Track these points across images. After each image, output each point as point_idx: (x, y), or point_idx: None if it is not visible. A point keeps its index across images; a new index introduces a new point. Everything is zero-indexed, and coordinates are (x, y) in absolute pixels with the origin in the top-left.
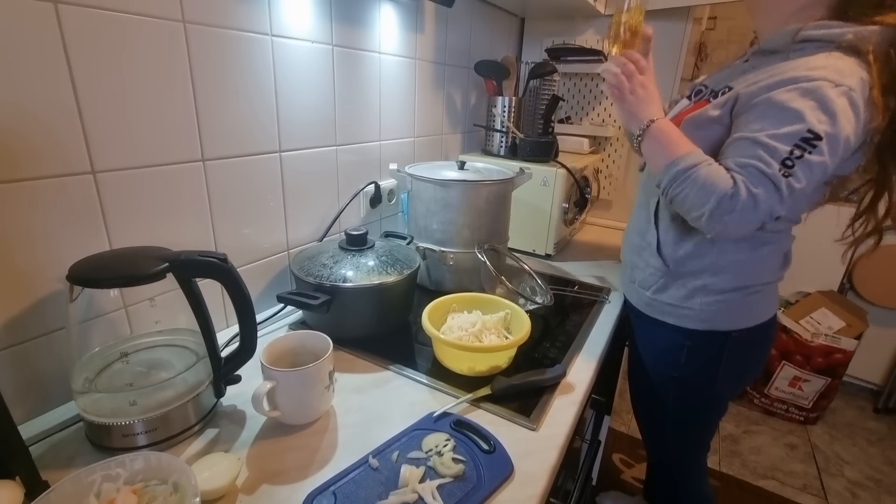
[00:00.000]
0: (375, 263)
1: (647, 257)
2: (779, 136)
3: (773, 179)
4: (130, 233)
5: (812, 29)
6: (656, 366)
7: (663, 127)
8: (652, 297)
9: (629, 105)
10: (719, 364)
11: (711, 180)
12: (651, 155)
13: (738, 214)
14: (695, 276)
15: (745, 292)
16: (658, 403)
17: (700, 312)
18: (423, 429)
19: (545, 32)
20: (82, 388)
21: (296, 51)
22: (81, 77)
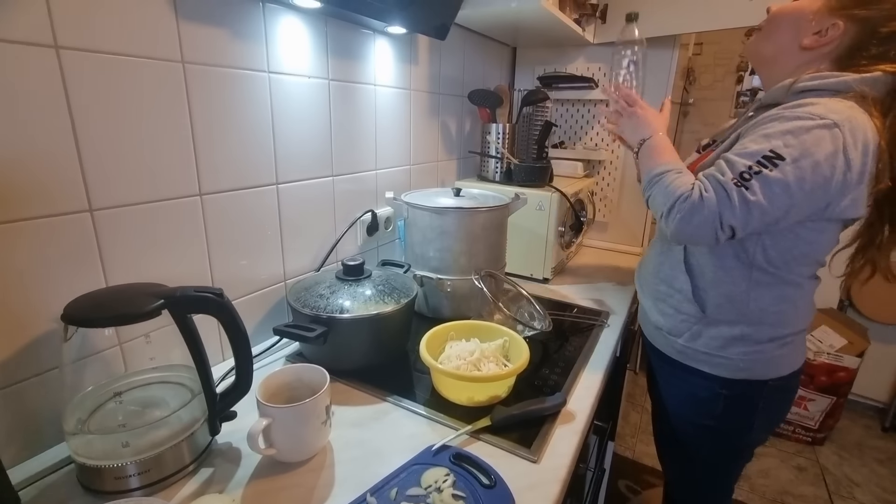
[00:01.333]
0: (372, 293)
1: (678, 304)
2: (743, 154)
3: (725, 186)
4: (127, 269)
5: (807, 80)
6: (690, 415)
7: (660, 141)
8: (685, 344)
9: (627, 133)
10: (756, 412)
11: (675, 185)
12: (642, 165)
13: (688, 214)
14: (731, 326)
15: (782, 342)
16: (688, 452)
17: (738, 362)
18: (421, 463)
19: (537, 61)
20: (74, 429)
21: (292, 86)
22: (81, 118)
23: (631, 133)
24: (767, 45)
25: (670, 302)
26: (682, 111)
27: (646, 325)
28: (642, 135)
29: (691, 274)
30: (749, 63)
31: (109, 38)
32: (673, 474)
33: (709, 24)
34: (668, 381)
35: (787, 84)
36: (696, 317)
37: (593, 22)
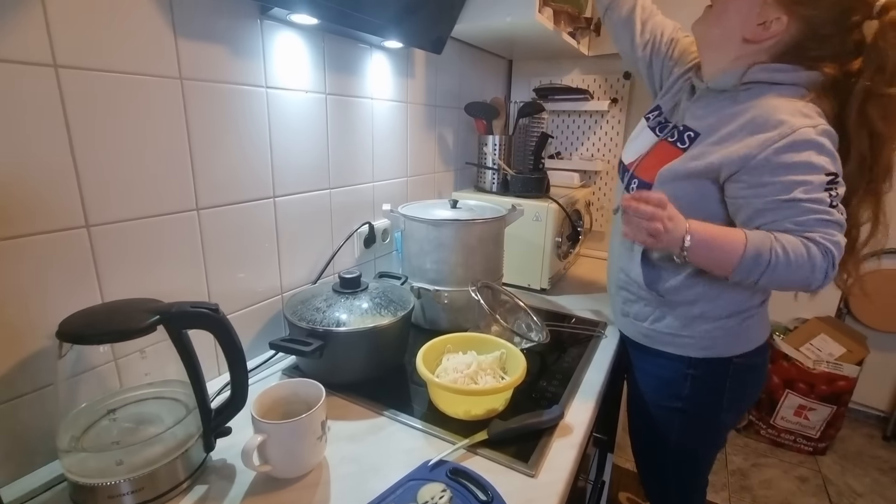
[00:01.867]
0: (369, 306)
1: (638, 290)
2: (812, 189)
3: (838, 222)
4: (123, 284)
5: (758, 72)
6: (658, 397)
7: (701, 233)
8: (650, 327)
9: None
10: (723, 392)
11: (798, 257)
12: (708, 263)
13: (836, 264)
14: (691, 305)
15: (742, 317)
16: (659, 437)
17: (701, 340)
18: (418, 479)
19: (532, 73)
20: (68, 446)
21: (290, 101)
22: (79, 135)
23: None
24: (714, 28)
25: (631, 289)
26: None
27: (615, 314)
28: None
29: (647, 262)
30: None
31: (108, 56)
32: (644, 464)
33: None
34: (638, 366)
35: (739, 73)
36: (657, 301)
37: (587, 35)
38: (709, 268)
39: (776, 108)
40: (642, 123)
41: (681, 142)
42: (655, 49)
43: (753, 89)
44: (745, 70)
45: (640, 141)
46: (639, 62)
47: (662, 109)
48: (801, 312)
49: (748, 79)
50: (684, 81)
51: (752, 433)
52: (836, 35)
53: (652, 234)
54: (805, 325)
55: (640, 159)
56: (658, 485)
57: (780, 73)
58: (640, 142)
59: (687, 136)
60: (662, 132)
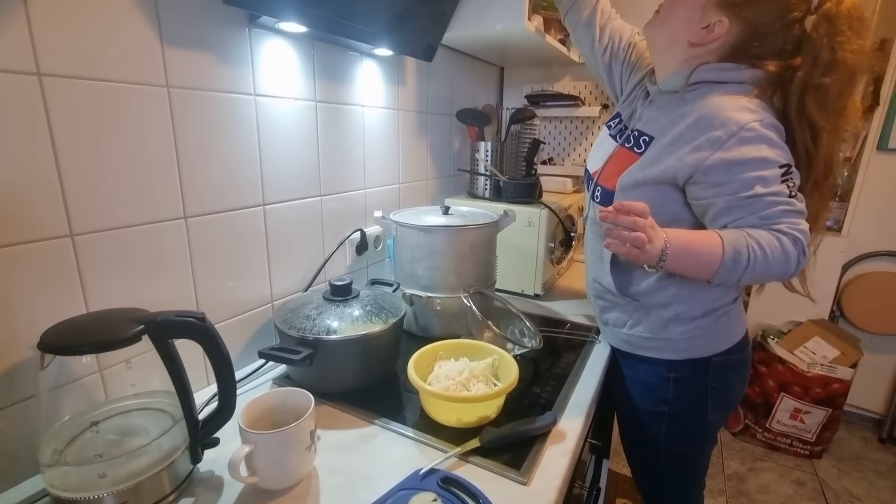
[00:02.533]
0: (360, 313)
1: (612, 298)
2: (769, 182)
3: (800, 210)
4: (109, 294)
5: (704, 72)
6: (645, 403)
7: (678, 241)
8: (628, 333)
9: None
10: (706, 392)
11: (772, 251)
12: (689, 270)
13: (804, 251)
14: (665, 308)
15: (716, 315)
16: (649, 442)
17: (678, 342)
18: (409, 488)
19: (524, 80)
20: (50, 460)
21: (279, 108)
22: (63, 143)
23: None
24: (661, 33)
25: (606, 297)
26: None
27: (598, 322)
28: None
29: (617, 268)
30: None
31: (92, 64)
32: (638, 470)
33: None
34: (623, 373)
35: (686, 74)
36: (632, 306)
37: None
38: (689, 274)
39: (720, 106)
40: (604, 131)
41: (637, 146)
42: (614, 54)
43: (700, 89)
44: (692, 71)
45: (603, 149)
46: (599, 67)
47: (622, 116)
48: (795, 315)
49: (695, 79)
50: (640, 88)
51: (749, 437)
52: (778, 32)
53: (637, 246)
54: (799, 329)
55: (602, 167)
56: (653, 490)
57: (725, 72)
58: (602, 150)
59: (642, 140)
60: (621, 138)
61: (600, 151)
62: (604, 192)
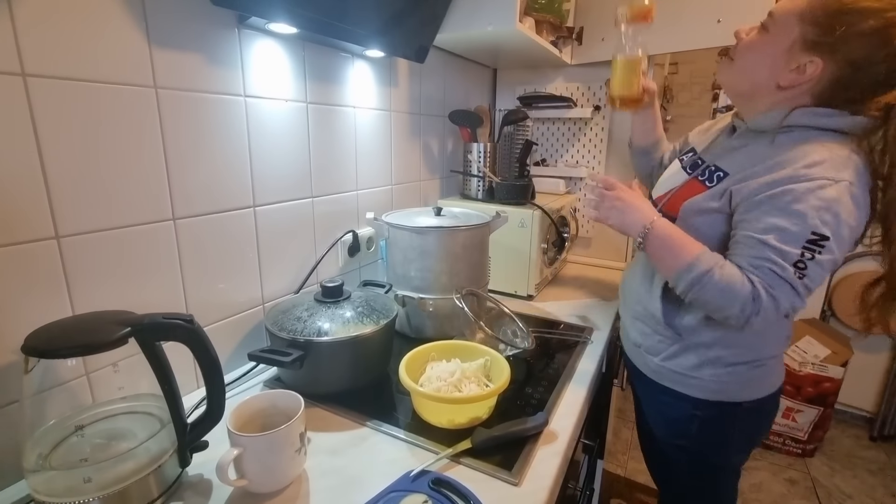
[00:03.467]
0: (352, 314)
1: (655, 325)
2: (787, 239)
3: (791, 282)
4: (96, 297)
5: (799, 116)
6: (666, 434)
7: (663, 231)
8: (660, 363)
9: (614, 220)
10: (732, 434)
11: (730, 285)
12: (659, 260)
13: (763, 315)
14: (708, 348)
15: (753, 365)
16: (673, 469)
17: (710, 383)
18: (399, 490)
19: (517, 81)
20: (35, 465)
21: (270, 110)
22: (48, 145)
23: (619, 219)
24: (742, 80)
25: (648, 322)
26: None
27: (625, 341)
28: (640, 222)
29: (667, 299)
30: None
31: (78, 64)
32: (663, 491)
33: (680, 46)
34: (646, 398)
35: (780, 115)
36: (673, 338)
37: (570, 44)
38: (659, 264)
39: (808, 154)
40: (676, 164)
41: (709, 180)
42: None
43: (794, 133)
44: (787, 113)
45: (672, 180)
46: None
47: (696, 150)
48: None
49: (790, 122)
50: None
51: None
52: (881, 63)
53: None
54: None
55: (669, 195)
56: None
57: (823, 118)
58: (671, 181)
59: (716, 175)
60: (694, 171)
61: (669, 181)
62: (664, 216)
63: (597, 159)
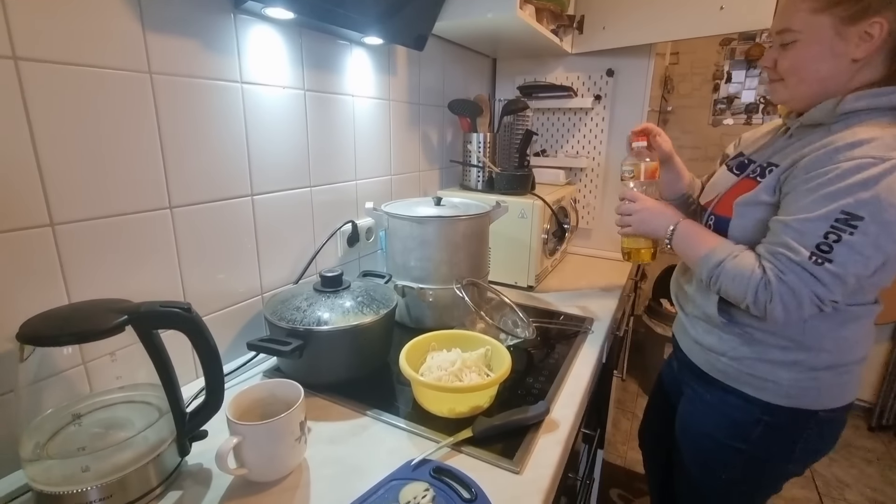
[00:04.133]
0: (351, 304)
1: (722, 325)
2: (809, 220)
3: (805, 267)
4: (91, 285)
5: (852, 101)
6: (719, 433)
7: (686, 230)
8: (729, 363)
9: (645, 228)
10: (797, 443)
11: (739, 271)
12: (684, 256)
13: (780, 304)
14: (783, 351)
15: (841, 371)
16: (710, 471)
17: (788, 388)
18: (400, 479)
19: (517, 71)
20: (32, 455)
21: (267, 97)
22: (41, 130)
23: (649, 227)
24: (808, 89)
25: (712, 322)
26: (662, 119)
27: (682, 337)
28: (666, 224)
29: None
30: (724, 72)
31: (71, 48)
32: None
33: (682, 33)
34: (700, 397)
35: (832, 105)
36: (744, 338)
37: (570, 32)
38: (685, 259)
39: (856, 134)
40: (722, 169)
41: (760, 176)
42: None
43: (851, 119)
44: (840, 100)
45: (719, 183)
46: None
47: (745, 154)
48: None
49: (845, 109)
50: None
51: None
52: None
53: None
54: None
55: (718, 198)
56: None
57: (879, 98)
58: (720, 185)
59: (768, 171)
60: (741, 171)
61: (717, 186)
62: (718, 220)
63: (597, 150)
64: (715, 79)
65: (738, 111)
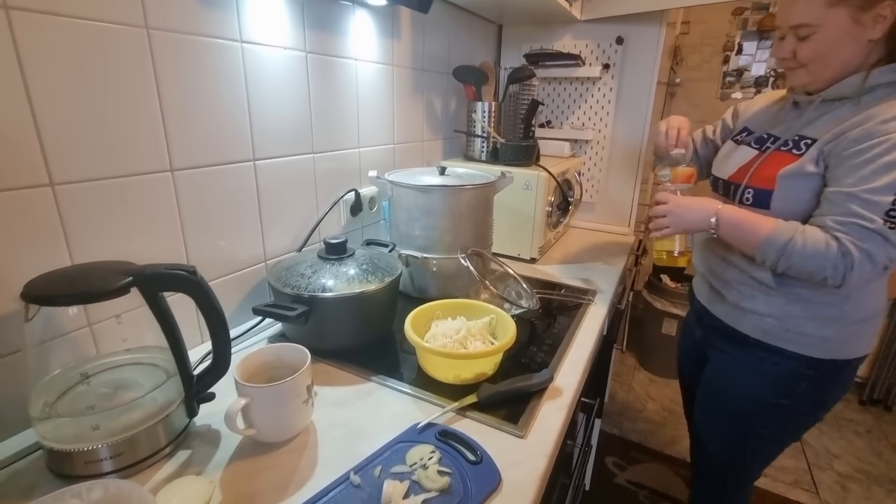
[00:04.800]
0: (356, 272)
1: (763, 287)
2: (876, 190)
3: (881, 233)
4: (94, 248)
5: (878, 76)
6: (763, 392)
7: (731, 216)
8: (774, 322)
9: (683, 226)
10: (832, 392)
11: (813, 247)
12: (738, 242)
13: (858, 271)
14: (828, 305)
15: (872, 321)
16: (747, 429)
17: (832, 341)
18: (406, 441)
19: (523, 38)
20: (41, 413)
21: (268, 57)
22: (36, 85)
23: (686, 221)
24: (832, 72)
25: (752, 285)
26: (669, 92)
27: (716, 305)
28: (705, 215)
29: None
30: (735, 43)
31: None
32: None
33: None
34: (736, 359)
35: (859, 81)
36: (790, 297)
37: None
38: (738, 246)
39: (894, 107)
40: (731, 144)
41: (796, 149)
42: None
43: (878, 91)
44: (866, 75)
45: (737, 157)
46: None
47: (751, 129)
48: None
49: (872, 83)
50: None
51: None
52: None
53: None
54: None
55: (751, 172)
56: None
57: None
58: (735, 158)
59: (804, 143)
60: (761, 145)
61: (735, 160)
62: (758, 193)
63: (604, 121)
64: (725, 50)
65: (747, 84)
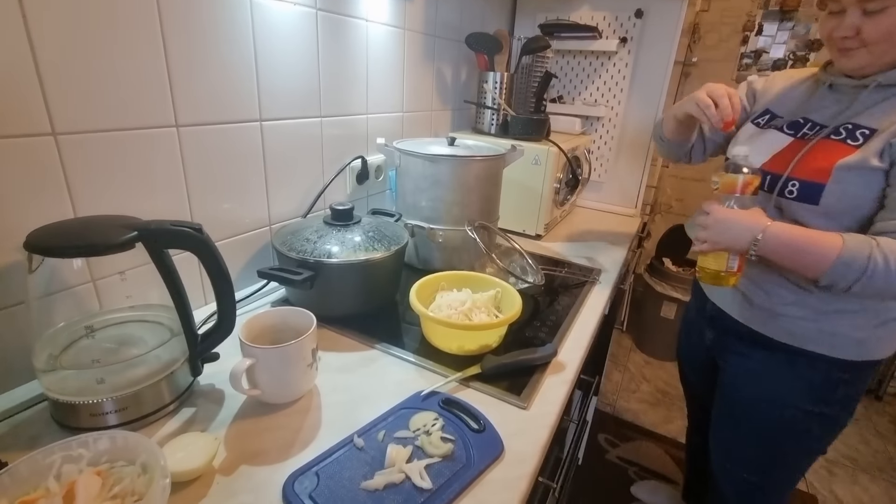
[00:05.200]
0: (362, 239)
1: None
2: None
3: None
4: (98, 202)
5: None
6: (799, 400)
7: (784, 234)
8: (807, 325)
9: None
10: (859, 392)
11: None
12: (793, 264)
13: None
14: (865, 305)
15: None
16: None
17: (866, 342)
18: (410, 408)
19: (539, 7)
20: (46, 365)
21: (277, 13)
22: (38, 31)
23: (725, 238)
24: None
25: (788, 286)
26: (684, 72)
27: (737, 306)
28: (748, 233)
29: None
30: (756, 23)
31: None
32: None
33: None
34: (765, 364)
35: None
36: (825, 300)
37: None
38: (791, 268)
39: None
40: (752, 127)
41: (851, 139)
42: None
43: None
44: None
45: (765, 143)
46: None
47: (775, 112)
48: None
49: None
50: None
51: None
52: None
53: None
54: None
55: (795, 161)
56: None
57: None
58: (764, 144)
59: (861, 133)
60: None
61: (765, 147)
62: (805, 186)
63: (617, 98)
64: (745, 30)
65: (764, 67)
